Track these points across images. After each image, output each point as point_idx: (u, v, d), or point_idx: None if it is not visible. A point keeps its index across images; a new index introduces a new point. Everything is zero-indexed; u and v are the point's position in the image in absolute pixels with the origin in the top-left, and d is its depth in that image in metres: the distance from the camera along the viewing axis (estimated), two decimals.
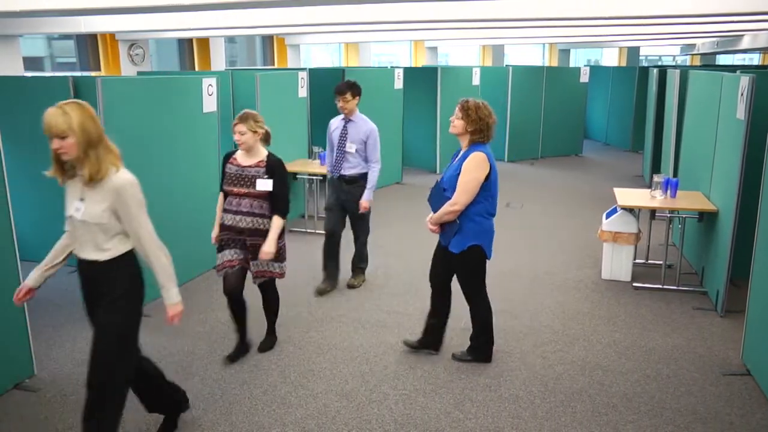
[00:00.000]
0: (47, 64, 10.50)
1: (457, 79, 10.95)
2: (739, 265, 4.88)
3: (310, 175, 7.27)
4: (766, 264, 4.01)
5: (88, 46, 10.15)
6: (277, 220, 4.00)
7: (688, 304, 5.30)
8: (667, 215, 5.81)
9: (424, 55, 16.29)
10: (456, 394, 3.89)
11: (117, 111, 4.80)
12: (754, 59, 22.88)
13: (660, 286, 5.60)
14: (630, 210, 5.71)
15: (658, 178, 5.82)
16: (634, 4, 5.75)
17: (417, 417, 3.65)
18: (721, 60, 21.36)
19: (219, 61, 11.71)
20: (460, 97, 4.07)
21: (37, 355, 4.15)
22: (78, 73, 9.90)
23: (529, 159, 12.60)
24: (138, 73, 9.76)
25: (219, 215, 4.15)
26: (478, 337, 4.27)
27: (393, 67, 10.77)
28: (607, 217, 5.90)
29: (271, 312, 4.48)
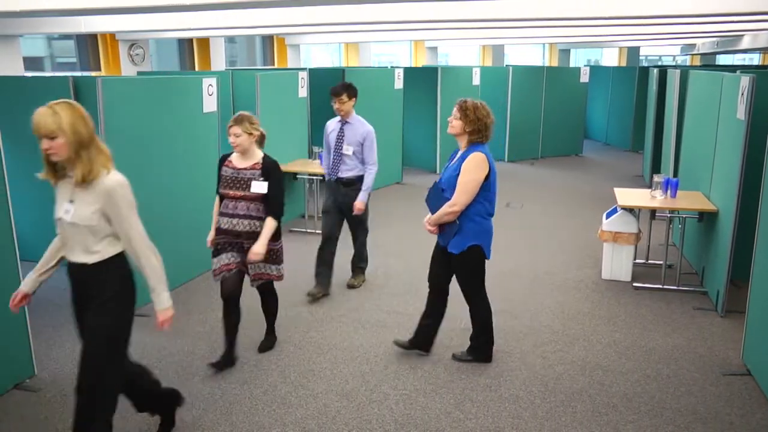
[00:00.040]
0: (47, 64, 10.50)
1: (457, 79, 10.95)
2: (739, 265, 4.88)
3: (310, 175, 7.28)
4: (766, 264, 4.01)
5: (88, 46, 10.16)
6: (270, 222, 3.94)
7: (688, 304, 5.30)
8: (668, 215, 5.81)
9: (424, 55, 16.30)
10: (456, 394, 3.89)
11: (117, 111, 4.81)
12: (755, 59, 22.89)
13: (660, 286, 5.60)
14: (630, 210, 5.71)
15: (659, 178, 5.82)
16: (634, 4, 5.75)
17: (417, 417, 3.65)
18: (721, 60, 21.37)
19: (219, 61, 11.72)
20: (460, 98, 4.07)
21: (37, 355, 4.15)
22: (78, 73, 9.90)
23: (529, 159, 12.61)
24: (138, 73, 9.77)
25: (216, 219, 4.09)
26: (478, 338, 4.27)
27: (393, 67, 10.78)
28: (607, 217, 5.90)
29: (270, 313, 4.47)
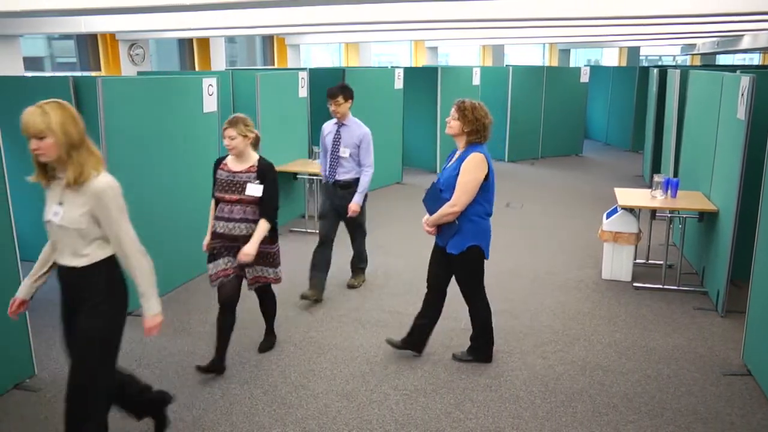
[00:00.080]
0: (47, 64, 10.50)
1: (457, 79, 10.95)
2: (739, 265, 4.88)
3: (310, 175, 7.27)
4: (766, 264, 4.01)
5: (88, 46, 10.16)
6: (262, 224, 3.88)
7: (688, 304, 5.30)
8: (668, 215, 5.81)
9: (424, 55, 16.29)
10: (457, 394, 3.89)
11: (117, 111, 4.81)
12: (755, 59, 22.88)
13: (660, 286, 5.60)
14: (630, 210, 5.71)
15: (659, 178, 5.82)
16: (634, 4, 5.75)
17: (418, 417, 3.65)
18: (721, 60, 21.38)
19: (219, 61, 11.72)
20: (460, 98, 4.06)
21: (37, 355, 4.15)
22: (78, 73, 9.90)
23: (529, 159, 12.61)
24: (138, 73, 9.77)
25: (212, 223, 4.03)
26: (478, 338, 4.27)
27: (393, 67, 10.78)
28: (607, 217, 5.90)
29: (269, 314, 4.46)
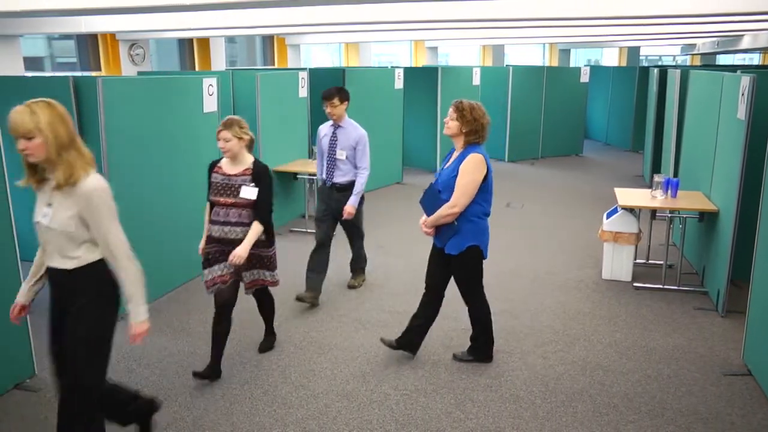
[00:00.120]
0: (47, 64, 10.50)
1: (457, 79, 10.95)
2: (739, 265, 4.88)
3: (310, 175, 7.27)
4: (766, 264, 4.01)
5: (88, 46, 10.16)
6: (256, 226, 3.82)
7: (688, 304, 5.30)
8: (668, 215, 5.81)
9: (425, 55, 16.30)
10: (457, 394, 3.89)
11: (117, 111, 4.81)
12: (755, 59, 22.89)
13: (661, 286, 5.60)
14: (630, 210, 5.71)
15: (659, 178, 5.82)
16: (634, 4, 5.75)
17: (418, 417, 3.65)
18: (722, 60, 21.38)
19: (219, 61, 11.72)
20: (462, 98, 4.06)
21: (37, 355, 4.13)
22: (78, 73, 9.90)
23: (529, 159, 12.61)
24: (138, 73, 9.77)
25: (207, 227, 3.97)
26: (479, 338, 4.27)
27: (393, 67, 10.78)
28: (607, 217, 5.89)
29: (268, 315, 4.45)
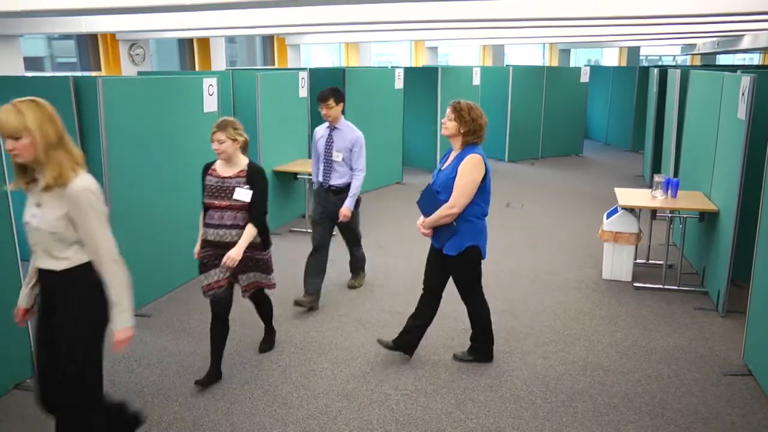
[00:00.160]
0: (48, 64, 10.50)
1: (457, 79, 10.95)
2: (740, 265, 4.88)
3: (310, 175, 7.25)
4: (767, 264, 4.01)
5: (88, 46, 10.16)
6: (250, 228, 3.76)
7: (689, 304, 5.29)
8: (668, 215, 5.81)
9: (425, 55, 16.30)
10: (457, 394, 3.88)
11: (118, 111, 4.81)
12: (755, 59, 22.89)
13: (661, 286, 5.60)
14: (631, 210, 5.71)
15: (659, 178, 5.82)
16: (634, 4, 5.75)
17: (418, 417, 3.65)
18: (722, 60, 21.37)
19: (219, 61, 11.72)
20: (462, 98, 4.07)
21: None
22: (78, 73, 9.90)
23: (529, 159, 12.60)
24: (138, 73, 9.77)
25: (202, 231, 3.89)
26: (479, 338, 4.27)
27: (393, 67, 10.78)
28: (607, 217, 5.89)
29: (266, 316, 4.42)
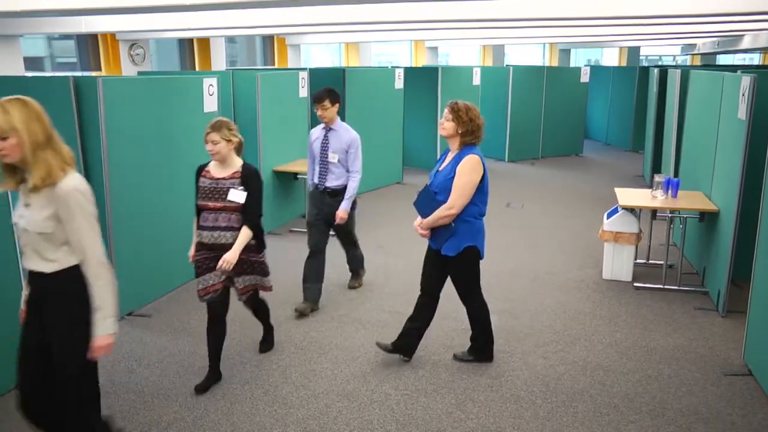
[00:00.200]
0: (48, 64, 10.50)
1: (458, 79, 10.95)
2: (740, 265, 4.88)
3: None
4: (767, 264, 4.01)
5: (88, 46, 10.16)
6: (245, 231, 3.71)
7: (689, 304, 5.30)
8: (668, 215, 5.81)
9: (425, 55, 16.29)
10: (458, 394, 3.89)
11: (118, 111, 4.81)
12: (755, 59, 22.88)
13: (661, 286, 5.60)
14: (631, 210, 5.71)
15: (659, 178, 5.82)
16: (634, 4, 5.75)
17: (419, 417, 3.65)
18: (722, 60, 21.37)
19: (219, 61, 11.72)
20: (462, 98, 4.06)
21: None
22: (78, 73, 9.90)
23: (529, 159, 12.60)
24: (138, 73, 9.76)
25: (197, 234, 3.84)
26: (479, 338, 4.28)
27: (393, 67, 10.78)
28: (608, 217, 5.89)
29: (264, 318, 4.39)
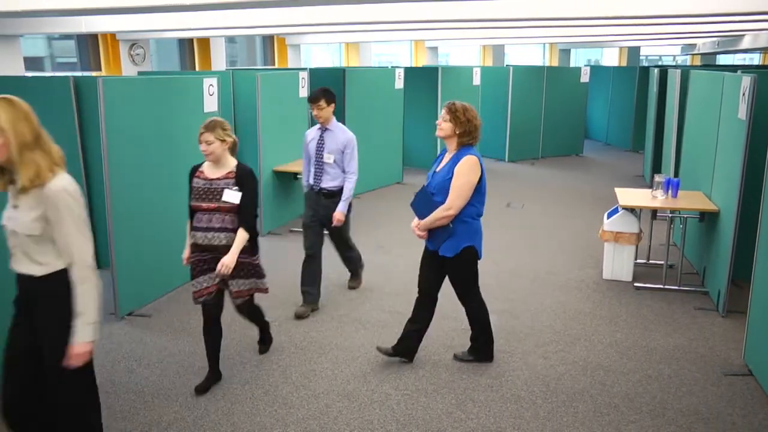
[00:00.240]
0: (48, 64, 10.50)
1: (458, 79, 10.95)
2: (740, 265, 4.88)
3: None
4: (767, 264, 4.01)
5: (88, 46, 10.16)
6: (241, 233, 3.67)
7: (689, 304, 5.29)
8: (668, 215, 5.81)
9: (425, 55, 16.30)
10: (458, 394, 3.89)
11: (118, 111, 4.81)
12: (755, 59, 22.89)
13: (661, 286, 5.60)
14: (631, 210, 5.71)
15: (659, 178, 5.82)
16: (634, 4, 5.76)
17: (419, 417, 3.65)
18: (722, 60, 21.38)
19: (219, 61, 11.73)
20: (462, 98, 4.06)
21: None
22: (79, 73, 9.90)
23: (529, 159, 12.60)
24: (138, 73, 9.77)
25: (190, 236, 3.80)
26: (478, 338, 4.28)
27: (394, 67, 10.78)
28: (608, 217, 5.89)
29: (259, 321, 4.31)
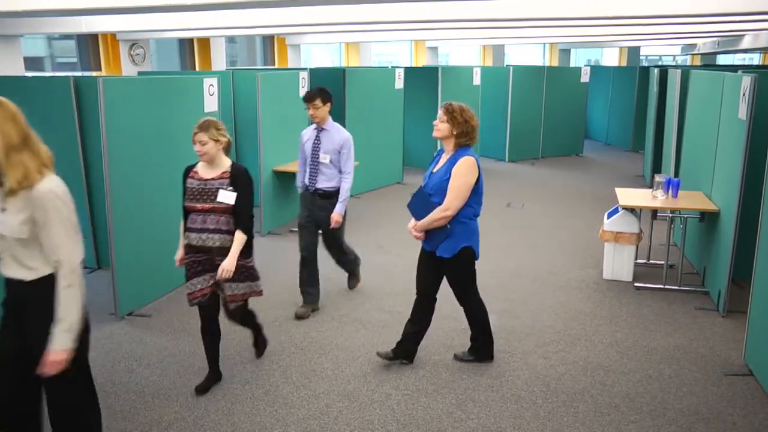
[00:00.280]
0: (48, 64, 10.51)
1: (458, 79, 10.95)
2: (740, 265, 4.88)
3: None
4: (767, 264, 4.02)
5: (88, 46, 10.17)
6: (239, 235, 3.63)
7: (689, 304, 5.29)
8: (669, 215, 5.81)
9: (425, 55, 16.31)
10: (458, 394, 3.88)
11: (118, 111, 4.81)
12: (755, 59, 22.89)
13: (662, 286, 5.60)
14: (631, 210, 5.71)
15: (660, 178, 5.81)
16: (634, 4, 5.76)
17: (419, 417, 3.65)
18: (722, 60, 21.37)
19: (219, 61, 11.73)
20: (462, 98, 4.06)
21: None
22: (79, 73, 9.90)
23: (529, 159, 12.60)
24: (139, 73, 9.78)
25: (183, 237, 3.78)
26: (478, 338, 4.28)
27: (394, 66, 10.78)
28: (608, 217, 5.89)
29: (253, 324, 4.24)
